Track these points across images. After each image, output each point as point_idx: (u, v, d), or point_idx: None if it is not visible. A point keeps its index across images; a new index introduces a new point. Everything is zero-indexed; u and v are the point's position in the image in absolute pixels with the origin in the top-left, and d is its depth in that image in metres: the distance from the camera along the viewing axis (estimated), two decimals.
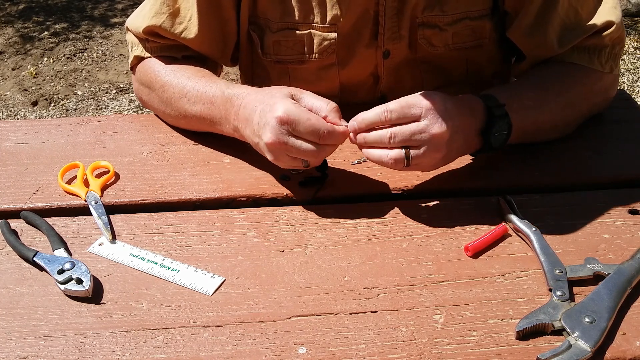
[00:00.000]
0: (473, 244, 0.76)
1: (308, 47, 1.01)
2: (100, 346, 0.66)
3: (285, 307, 0.70)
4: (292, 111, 0.78)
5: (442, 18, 0.99)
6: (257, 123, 0.81)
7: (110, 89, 3.19)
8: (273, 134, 0.78)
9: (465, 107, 0.83)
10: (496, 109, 0.84)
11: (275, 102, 0.79)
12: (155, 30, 0.99)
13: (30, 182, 0.90)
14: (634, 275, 0.71)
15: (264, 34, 1.03)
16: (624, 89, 3.02)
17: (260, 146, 0.82)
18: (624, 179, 0.90)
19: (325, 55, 1.02)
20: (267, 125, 0.78)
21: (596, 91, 1.00)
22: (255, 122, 0.81)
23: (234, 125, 0.88)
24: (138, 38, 1.03)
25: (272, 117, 0.78)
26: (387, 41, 1.01)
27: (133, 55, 1.04)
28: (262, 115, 0.80)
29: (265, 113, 0.80)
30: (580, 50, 0.97)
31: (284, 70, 1.06)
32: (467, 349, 0.65)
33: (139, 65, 1.04)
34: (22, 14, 4.04)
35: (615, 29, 0.95)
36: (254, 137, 0.82)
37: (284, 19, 1.00)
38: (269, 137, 0.78)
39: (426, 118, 0.78)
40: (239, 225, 0.82)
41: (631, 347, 0.64)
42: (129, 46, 1.06)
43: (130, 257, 0.77)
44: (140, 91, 1.06)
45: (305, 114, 0.78)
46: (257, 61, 1.08)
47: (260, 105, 0.82)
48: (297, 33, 1.00)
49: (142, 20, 1.00)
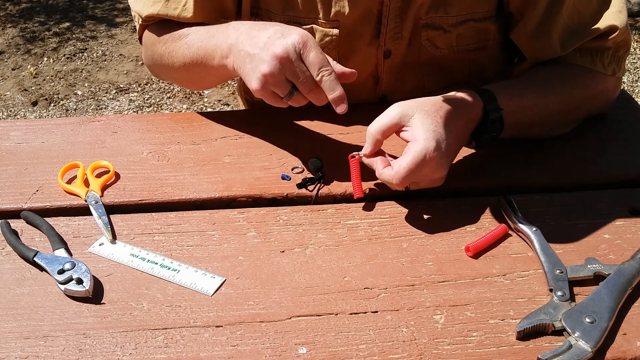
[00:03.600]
0: (474, 244, 0.76)
1: None
2: (101, 346, 0.66)
3: (285, 307, 0.70)
4: (312, 40, 0.79)
5: (446, 19, 0.99)
6: (268, 37, 0.80)
7: (110, 89, 3.19)
8: (289, 46, 0.78)
9: (462, 117, 0.85)
10: (492, 112, 0.86)
11: (297, 28, 0.81)
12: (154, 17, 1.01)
13: (30, 182, 0.90)
14: (635, 276, 0.71)
15: None
16: (624, 89, 3.02)
17: (261, 55, 0.80)
18: (624, 179, 0.90)
19: (326, 52, 1.01)
20: (285, 38, 0.79)
21: (598, 93, 1.00)
22: (265, 35, 0.81)
23: (228, 44, 0.87)
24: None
25: (293, 33, 0.79)
26: (388, 41, 1.01)
27: (139, 25, 1.05)
28: (278, 30, 0.80)
29: (283, 30, 0.80)
30: (583, 52, 0.96)
31: None
32: (467, 349, 0.64)
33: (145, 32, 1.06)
34: (23, 14, 4.04)
35: (619, 33, 0.95)
36: (255, 49, 0.81)
37: (287, 12, 1.00)
38: (283, 48, 0.78)
39: (428, 168, 0.79)
40: (239, 226, 0.82)
41: (632, 348, 0.64)
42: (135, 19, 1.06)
43: (130, 257, 0.77)
44: (147, 55, 1.07)
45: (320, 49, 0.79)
46: None
47: (275, 27, 0.82)
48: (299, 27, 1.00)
49: (142, 8, 1.01)
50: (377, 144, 0.83)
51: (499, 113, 0.86)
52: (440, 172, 0.81)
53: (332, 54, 1.02)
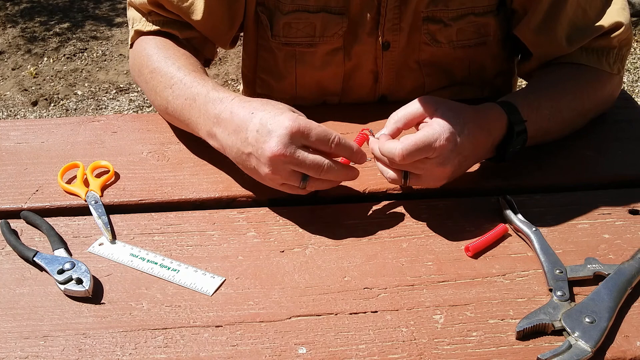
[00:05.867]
0: (473, 244, 0.76)
1: (319, 29, 1.01)
2: (100, 346, 0.66)
3: (285, 307, 0.70)
4: (302, 120, 0.75)
5: (446, 13, 0.99)
6: (256, 131, 0.75)
7: (110, 89, 3.19)
8: (280, 144, 0.73)
9: (484, 127, 0.82)
10: (517, 125, 0.83)
11: (282, 112, 0.76)
12: (160, 2, 0.98)
13: (30, 181, 0.90)
14: (634, 276, 0.71)
15: (273, 16, 1.01)
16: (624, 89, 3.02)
17: (256, 155, 0.76)
18: (624, 179, 0.90)
19: (335, 38, 1.01)
20: (273, 134, 0.74)
21: (604, 93, 0.99)
22: (252, 129, 0.76)
23: (209, 130, 0.83)
24: (140, 11, 1.01)
25: (280, 126, 0.74)
26: (387, 32, 1.01)
27: (134, 31, 1.02)
28: (263, 123, 0.75)
29: (268, 121, 0.75)
30: (589, 52, 0.96)
31: (291, 53, 1.04)
32: (467, 349, 0.64)
33: (137, 42, 1.02)
34: (23, 14, 4.04)
35: (623, 30, 0.95)
36: (246, 147, 0.77)
37: (296, 1, 0.99)
38: (275, 147, 0.73)
39: (434, 156, 0.77)
40: (239, 225, 0.82)
41: (631, 347, 0.64)
42: (130, 23, 1.03)
43: (130, 257, 0.77)
44: (132, 68, 1.04)
45: (314, 123, 0.76)
46: (263, 44, 1.07)
47: (259, 112, 0.77)
48: (308, 15, 0.99)
49: None
50: (396, 132, 0.81)
51: (523, 125, 0.84)
52: (445, 166, 0.77)
53: (339, 41, 1.02)
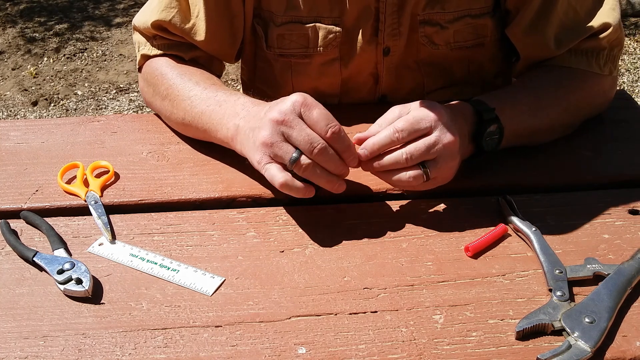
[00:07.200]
0: (473, 244, 0.76)
1: (312, 40, 1.01)
2: (100, 346, 0.66)
3: (285, 307, 0.70)
4: (310, 97, 0.76)
5: (443, 15, 0.99)
6: (269, 106, 0.78)
7: (110, 89, 3.19)
8: (283, 109, 0.74)
9: (458, 113, 0.83)
10: (486, 113, 0.84)
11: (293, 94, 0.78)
12: (163, 25, 0.98)
13: (30, 182, 0.90)
14: (634, 276, 0.71)
15: (267, 27, 1.02)
16: (624, 89, 3.02)
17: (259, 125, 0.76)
18: (624, 179, 0.90)
19: (329, 49, 1.01)
20: (283, 101, 0.76)
21: (595, 94, 1.00)
22: (267, 106, 0.78)
23: (234, 124, 0.83)
24: (145, 35, 1.02)
25: (289, 98, 0.76)
26: (387, 38, 1.01)
27: (140, 55, 1.03)
28: (275, 103, 0.77)
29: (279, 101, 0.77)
30: (578, 54, 0.96)
31: (287, 64, 1.05)
32: (467, 349, 0.64)
33: (146, 64, 1.03)
34: (23, 14, 4.04)
35: (612, 30, 0.94)
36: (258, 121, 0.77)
37: (288, 12, 1.00)
38: (277, 112, 0.74)
39: (436, 129, 0.77)
40: (239, 225, 0.82)
41: (631, 348, 0.64)
42: (136, 46, 1.04)
43: (130, 257, 0.77)
44: (145, 91, 1.05)
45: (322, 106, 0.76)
46: (260, 54, 1.08)
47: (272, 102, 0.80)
48: (301, 26, 1.00)
49: (150, 15, 0.98)
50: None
51: (492, 113, 0.84)
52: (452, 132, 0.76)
53: (335, 52, 1.02)
